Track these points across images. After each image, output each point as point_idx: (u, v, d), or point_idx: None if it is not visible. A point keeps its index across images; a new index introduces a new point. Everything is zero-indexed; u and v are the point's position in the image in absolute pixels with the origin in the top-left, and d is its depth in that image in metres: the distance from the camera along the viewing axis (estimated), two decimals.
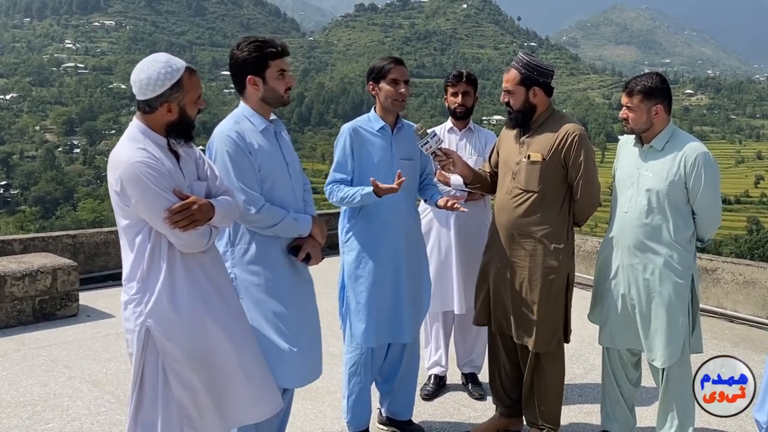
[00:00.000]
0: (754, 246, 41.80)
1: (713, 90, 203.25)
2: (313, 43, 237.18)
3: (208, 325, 2.44)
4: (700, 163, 3.17)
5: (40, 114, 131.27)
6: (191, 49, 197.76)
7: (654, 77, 3.29)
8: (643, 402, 4.14)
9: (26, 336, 5.29)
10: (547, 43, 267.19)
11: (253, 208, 2.79)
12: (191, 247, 2.42)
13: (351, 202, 3.38)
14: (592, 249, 7.38)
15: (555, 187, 3.37)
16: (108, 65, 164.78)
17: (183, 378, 2.39)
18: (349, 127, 3.49)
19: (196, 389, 2.40)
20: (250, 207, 2.78)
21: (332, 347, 5.01)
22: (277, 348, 2.85)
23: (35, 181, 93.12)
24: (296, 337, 2.90)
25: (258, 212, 2.79)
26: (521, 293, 3.42)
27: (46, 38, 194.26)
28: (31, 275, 5.60)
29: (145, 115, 2.44)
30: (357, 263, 3.44)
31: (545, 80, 3.37)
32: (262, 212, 2.80)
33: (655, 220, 3.26)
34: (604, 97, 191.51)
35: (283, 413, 3.15)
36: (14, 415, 3.89)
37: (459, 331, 4.38)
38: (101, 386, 4.33)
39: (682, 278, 3.26)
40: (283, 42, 2.95)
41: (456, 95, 4.16)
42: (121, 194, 2.34)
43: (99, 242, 6.99)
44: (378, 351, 3.54)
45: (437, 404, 4.18)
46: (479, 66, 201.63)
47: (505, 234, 3.46)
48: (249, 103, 2.94)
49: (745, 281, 6.21)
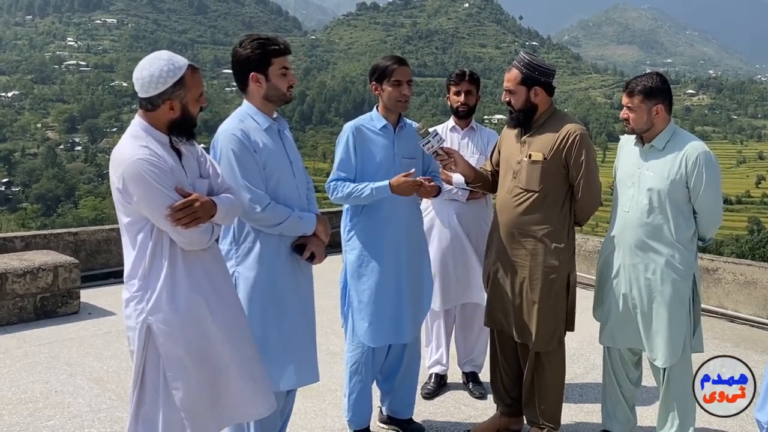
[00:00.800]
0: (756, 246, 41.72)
1: (715, 90, 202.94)
2: (314, 41, 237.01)
3: (207, 323, 2.44)
4: (701, 162, 3.17)
5: (42, 111, 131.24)
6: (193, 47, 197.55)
7: (654, 77, 3.29)
8: (644, 401, 4.14)
9: (27, 333, 5.30)
10: (548, 42, 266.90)
11: (259, 207, 2.79)
12: (193, 244, 2.43)
13: (359, 198, 3.36)
14: (593, 248, 7.38)
15: (556, 186, 3.37)
16: (110, 63, 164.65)
17: (180, 375, 2.39)
18: (352, 125, 3.49)
19: (192, 387, 2.41)
20: (256, 205, 2.79)
21: (333, 346, 5.02)
22: (274, 349, 2.85)
23: (37, 179, 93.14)
24: (294, 339, 2.91)
25: (263, 211, 2.80)
26: (522, 292, 3.42)
27: (48, 36, 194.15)
28: (32, 272, 5.61)
29: (147, 113, 2.44)
30: (359, 262, 3.45)
31: (546, 80, 3.37)
32: (267, 211, 2.81)
33: (657, 220, 3.26)
34: (605, 96, 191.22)
35: (287, 413, 3.16)
36: (15, 412, 3.90)
37: (460, 329, 4.39)
38: (102, 383, 4.34)
39: (684, 278, 3.26)
40: (286, 40, 2.96)
41: (459, 94, 4.16)
42: (123, 191, 2.34)
43: (100, 240, 7.00)
44: (379, 350, 3.54)
45: (438, 403, 4.18)
46: (481, 65, 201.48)
47: (506, 233, 3.46)
48: (252, 101, 2.95)
49: (746, 281, 6.21)
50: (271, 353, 2.84)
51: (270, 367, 2.79)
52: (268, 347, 2.82)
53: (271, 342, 2.85)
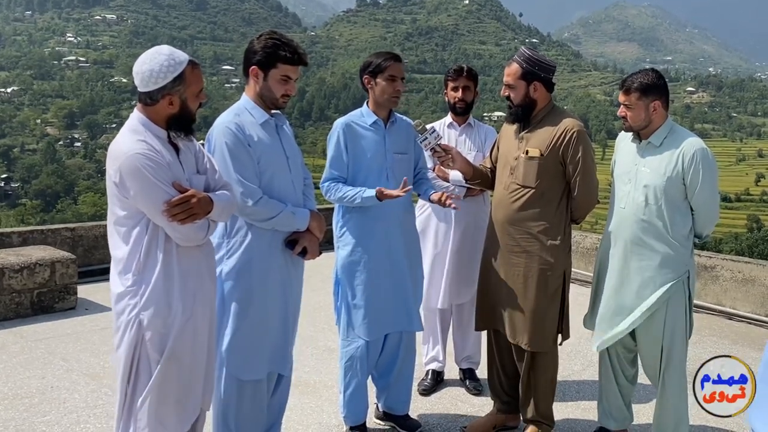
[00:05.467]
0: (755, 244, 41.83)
1: (715, 88, 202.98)
2: (314, 38, 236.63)
3: (194, 320, 2.48)
4: (698, 158, 3.16)
5: (41, 107, 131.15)
6: (192, 43, 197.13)
7: (650, 73, 3.28)
8: (641, 399, 4.14)
9: (24, 328, 5.29)
10: (548, 39, 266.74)
11: (251, 201, 2.79)
12: (189, 240, 2.43)
13: (351, 203, 3.39)
14: (591, 245, 7.38)
15: (553, 183, 3.36)
16: (109, 59, 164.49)
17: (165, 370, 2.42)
18: (342, 122, 3.48)
19: (171, 382, 2.44)
20: (248, 199, 2.79)
21: (330, 342, 5.02)
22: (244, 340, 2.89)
23: (36, 175, 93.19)
24: (271, 334, 2.95)
25: (255, 204, 2.80)
26: (517, 289, 3.41)
27: (48, 31, 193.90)
28: (29, 268, 5.60)
29: (146, 107, 2.44)
30: (351, 257, 3.45)
31: (546, 75, 3.36)
32: (259, 205, 2.81)
33: (653, 216, 3.24)
34: (605, 94, 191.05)
35: (277, 409, 3.18)
36: (11, 407, 3.90)
37: (457, 327, 4.38)
38: (99, 379, 4.33)
39: (679, 274, 3.25)
40: (304, 52, 2.93)
41: (456, 90, 4.15)
42: (120, 185, 2.34)
43: (98, 235, 6.99)
44: (373, 345, 3.54)
45: (435, 399, 4.18)
46: (480, 62, 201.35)
47: (502, 229, 3.45)
48: (250, 94, 2.95)
49: (744, 279, 6.21)
50: (241, 345, 2.88)
51: (236, 358, 2.87)
52: (238, 338, 2.87)
53: (242, 333, 2.88)
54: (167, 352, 2.40)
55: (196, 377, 2.54)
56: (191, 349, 2.48)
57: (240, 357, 2.89)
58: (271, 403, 3.13)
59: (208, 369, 2.63)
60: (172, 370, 2.42)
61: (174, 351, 2.41)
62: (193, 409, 2.58)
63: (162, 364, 2.40)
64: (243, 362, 2.90)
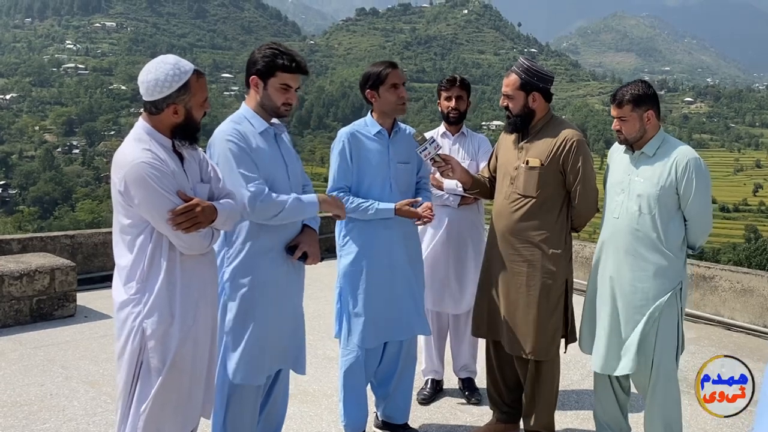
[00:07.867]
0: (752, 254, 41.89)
1: (713, 98, 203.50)
2: (313, 46, 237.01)
3: (196, 328, 2.49)
4: (691, 168, 3.17)
5: (40, 114, 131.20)
6: (192, 51, 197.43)
7: (639, 84, 3.30)
8: (638, 408, 4.14)
9: (23, 336, 5.29)
10: (547, 49, 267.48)
11: (259, 198, 2.79)
12: (193, 248, 2.44)
13: (364, 214, 3.40)
14: (590, 255, 7.39)
15: (553, 192, 3.38)
16: (108, 66, 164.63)
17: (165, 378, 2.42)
18: (347, 132, 3.50)
19: (173, 389, 2.44)
20: (255, 196, 2.78)
21: (330, 351, 5.02)
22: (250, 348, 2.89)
23: (34, 181, 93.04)
24: (272, 339, 2.95)
25: (263, 201, 2.80)
26: (519, 299, 3.42)
27: (47, 39, 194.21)
28: (29, 275, 5.60)
29: (151, 116, 2.45)
30: (354, 266, 3.46)
31: (545, 86, 3.39)
32: (266, 200, 2.80)
33: (647, 226, 3.24)
34: (603, 103, 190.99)
35: (277, 420, 3.17)
36: (10, 414, 3.89)
37: (454, 335, 4.38)
38: (98, 387, 4.33)
39: (673, 286, 3.24)
40: (304, 60, 2.96)
41: (449, 99, 4.18)
42: (125, 194, 2.36)
43: (97, 243, 6.99)
44: (373, 353, 3.54)
45: (434, 408, 4.18)
46: (479, 71, 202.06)
47: (503, 239, 3.47)
48: (250, 104, 2.97)
49: (743, 289, 6.23)
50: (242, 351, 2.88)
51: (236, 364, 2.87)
52: (239, 345, 2.87)
53: (243, 339, 2.88)
54: (170, 360, 2.41)
55: (197, 385, 2.54)
56: (193, 357, 2.49)
57: (240, 363, 2.89)
58: (270, 413, 3.14)
59: (209, 377, 2.64)
60: (174, 378, 2.43)
61: (176, 359, 2.42)
62: (193, 417, 2.59)
63: (165, 373, 2.40)
64: (243, 368, 2.89)
